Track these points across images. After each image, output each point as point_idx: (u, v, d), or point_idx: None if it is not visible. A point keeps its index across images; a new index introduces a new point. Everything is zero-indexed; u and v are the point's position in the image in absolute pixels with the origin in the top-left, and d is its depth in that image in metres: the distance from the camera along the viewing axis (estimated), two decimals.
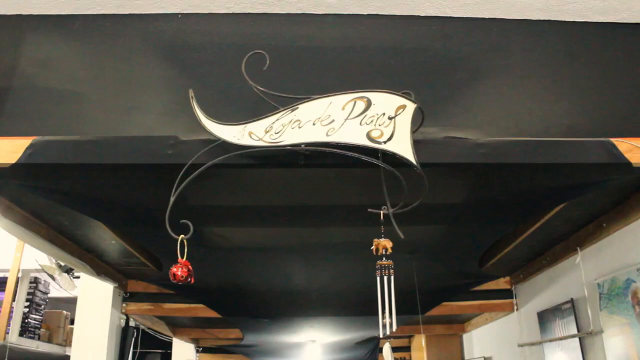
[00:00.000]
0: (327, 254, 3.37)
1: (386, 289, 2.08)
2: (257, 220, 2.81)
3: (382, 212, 2.06)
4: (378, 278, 2.07)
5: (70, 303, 5.11)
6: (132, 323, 5.17)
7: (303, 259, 3.50)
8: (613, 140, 2.20)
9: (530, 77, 2.41)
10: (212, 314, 4.93)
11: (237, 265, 3.73)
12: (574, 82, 2.41)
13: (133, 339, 5.14)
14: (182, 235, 2.01)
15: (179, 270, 2.01)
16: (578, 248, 3.78)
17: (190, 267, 2.02)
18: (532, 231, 3.47)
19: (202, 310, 4.92)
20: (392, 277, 2.06)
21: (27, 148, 2.09)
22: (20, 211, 3.06)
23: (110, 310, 4.83)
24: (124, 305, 5.02)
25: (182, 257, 2.01)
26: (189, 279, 2.03)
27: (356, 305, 4.55)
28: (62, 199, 2.63)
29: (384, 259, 2.07)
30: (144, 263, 4.15)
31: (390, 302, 2.08)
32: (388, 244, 2.04)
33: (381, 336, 3.19)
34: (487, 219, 2.87)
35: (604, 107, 2.40)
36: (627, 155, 2.18)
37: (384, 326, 2.07)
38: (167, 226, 1.98)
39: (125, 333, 5.02)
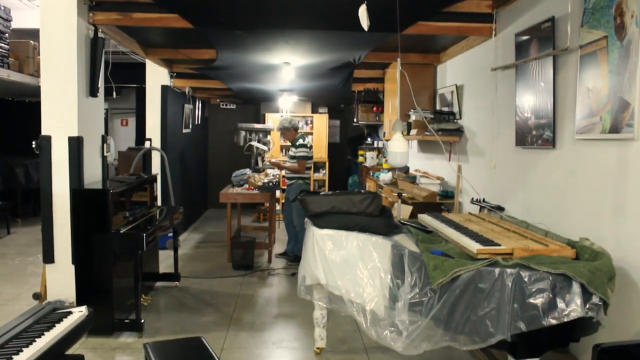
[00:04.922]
0: None
1: None
2: None
3: None
4: None
5: (36, 35, 4.82)
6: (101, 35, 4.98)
7: None
8: None
9: None
10: (184, 24, 4.74)
11: None
12: None
13: (103, 50, 4.99)
14: None
15: None
16: None
17: None
18: None
19: (173, 21, 4.71)
20: None
21: None
22: None
23: (77, 20, 4.58)
24: (90, 15, 4.78)
25: None
26: None
27: (333, 17, 4.39)
28: None
29: None
30: None
31: None
32: None
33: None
34: None
35: None
36: None
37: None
38: None
39: (95, 44, 4.87)
